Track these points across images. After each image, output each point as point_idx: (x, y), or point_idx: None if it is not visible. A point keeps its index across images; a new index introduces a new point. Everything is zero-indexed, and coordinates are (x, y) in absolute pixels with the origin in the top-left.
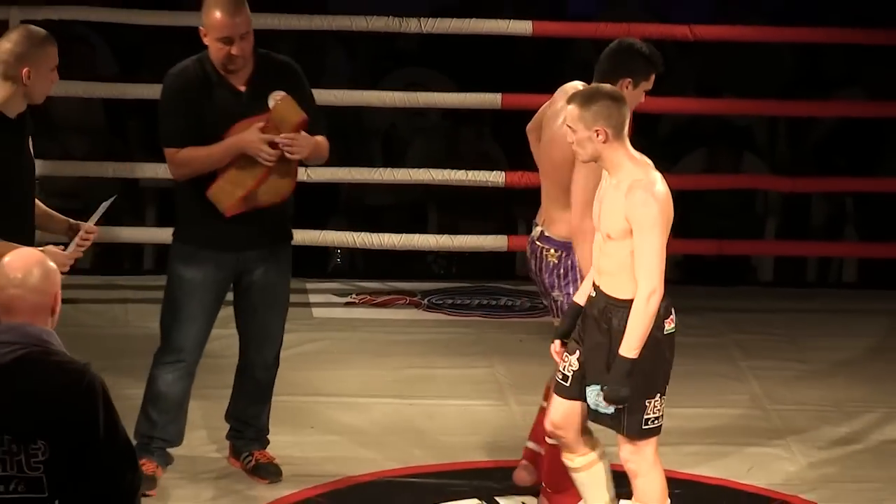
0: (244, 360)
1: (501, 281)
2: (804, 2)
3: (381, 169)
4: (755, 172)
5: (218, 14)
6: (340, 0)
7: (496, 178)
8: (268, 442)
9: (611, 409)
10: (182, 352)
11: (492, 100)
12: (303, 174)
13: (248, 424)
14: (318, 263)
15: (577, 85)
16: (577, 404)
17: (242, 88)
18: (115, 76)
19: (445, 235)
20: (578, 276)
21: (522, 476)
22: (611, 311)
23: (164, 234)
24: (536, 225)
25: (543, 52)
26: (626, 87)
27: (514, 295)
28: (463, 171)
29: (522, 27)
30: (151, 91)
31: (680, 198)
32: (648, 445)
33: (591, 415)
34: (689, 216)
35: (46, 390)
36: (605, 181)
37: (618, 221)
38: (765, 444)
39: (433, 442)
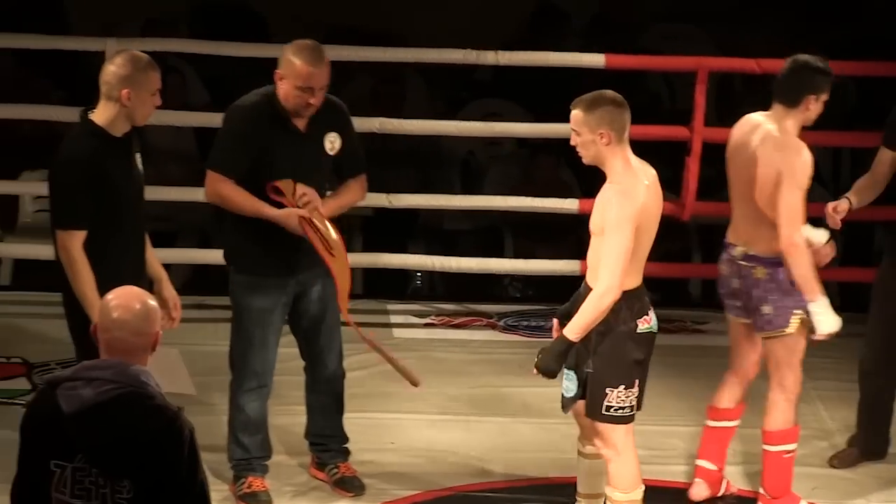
0: (314, 375)
1: None
2: (868, 37)
3: (459, 195)
4: (820, 201)
5: (303, 63)
6: (419, 34)
7: (570, 205)
8: (349, 452)
9: (570, 393)
10: (262, 376)
11: (565, 129)
12: (384, 200)
13: (330, 437)
14: (399, 286)
15: (757, 117)
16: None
17: (302, 128)
18: (205, 105)
19: (521, 259)
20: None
21: (698, 492)
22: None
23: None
24: (734, 245)
25: (615, 84)
26: (811, 104)
27: None
28: (538, 199)
29: (595, 59)
30: None
31: None
32: (615, 432)
33: (562, 400)
34: None
35: (139, 432)
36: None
37: (598, 219)
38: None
39: (508, 458)
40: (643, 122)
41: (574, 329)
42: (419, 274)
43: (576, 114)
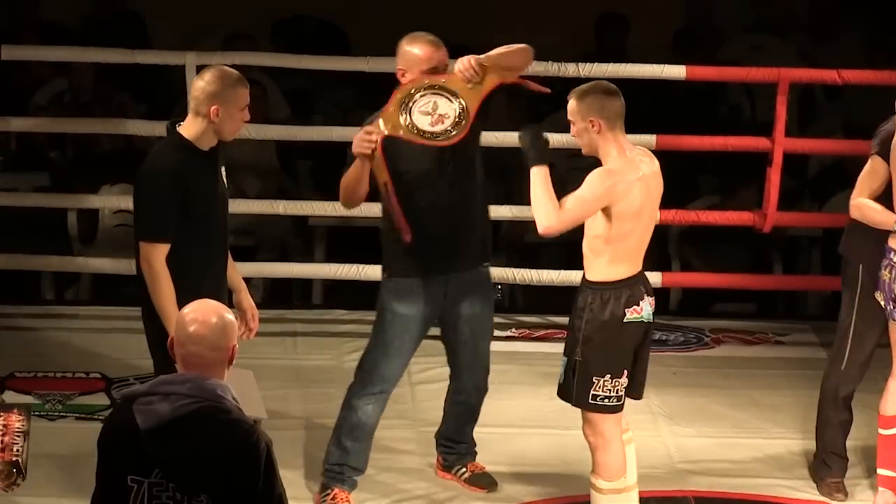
0: (457, 385)
1: (655, 316)
2: None
3: None
4: None
5: (423, 48)
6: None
7: None
8: (476, 453)
9: (561, 379)
10: (386, 383)
11: (647, 140)
12: None
13: (459, 442)
14: None
15: None
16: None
17: None
18: (286, 119)
19: None
20: None
21: (885, 500)
22: (580, 291)
23: (333, 270)
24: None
25: (698, 96)
26: None
27: (667, 329)
28: None
29: (677, 72)
30: (320, 133)
31: (829, 236)
32: (602, 421)
33: (559, 386)
34: (836, 254)
35: (216, 447)
36: None
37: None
38: None
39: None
40: (724, 132)
41: (536, 174)
42: (500, 286)
43: (570, 104)
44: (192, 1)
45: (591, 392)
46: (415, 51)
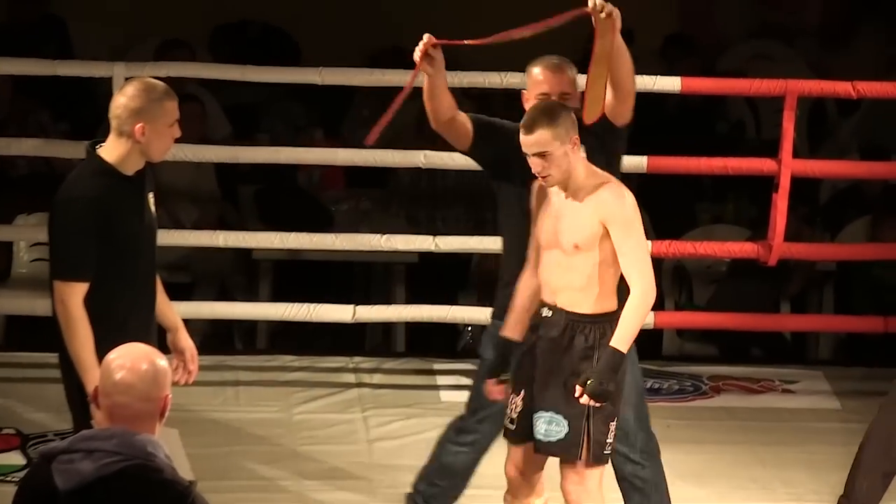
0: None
1: (647, 361)
2: None
3: None
4: None
5: (543, 70)
6: (476, 58)
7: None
8: None
9: (561, 433)
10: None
11: (637, 163)
12: (430, 244)
13: None
14: (447, 342)
15: None
16: (528, 448)
17: None
18: (227, 138)
19: None
20: None
21: None
22: (576, 329)
23: (280, 311)
24: None
25: (694, 110)
26: None
27: (660, 377)
28: None
29: (670, 84)
30: (267, 154)
31: (842, 270)
32: (597, 472)
33: (539, 446)
34: (851, 290)
35: None
36: (555, 197)
37: (588, 227)
38: None
39: None
40: (725, 153)
41: (625, 338)
42: (470, 329)
43: (542, 133)
44: (121, 5)
45: (606, 441)
46: (534, 71)
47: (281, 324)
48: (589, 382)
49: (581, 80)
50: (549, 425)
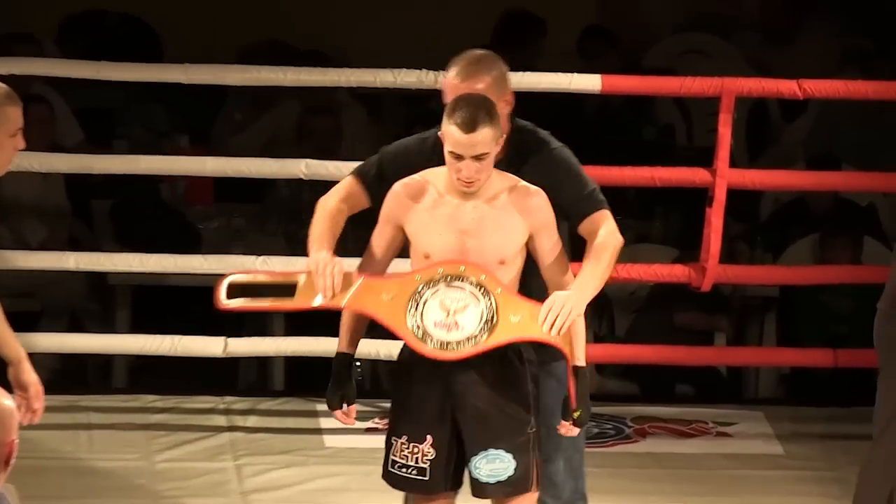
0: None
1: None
2: None
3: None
4: (880, 264)
5: (452, 72)
6: (360, 52)
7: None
8: None
9: (509, 470)
10: None
11: None
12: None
13: None
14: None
15: None
16: (444, 501)
17: None
18: (78, 145)
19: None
20: None
21: None
22: (506, 351)
23: (140, 344)
24: None
25: (615, 114)
26: None
27: (600, 420)
28: None
29: (589, 82)
30: (124, 164)
31: (787, 295)
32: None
33: (483, 490)
34: (797, 319)
35: None
36: (448, 208)
37: (516, 239)
38: None
39: None
40: (651, 162)
41: (582, 352)
42: (359, 364)
43: (485, 132)
44: None
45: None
46: (449, 75)
47: (141, 358)
48: (578, 415)
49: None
50: (493, 464)
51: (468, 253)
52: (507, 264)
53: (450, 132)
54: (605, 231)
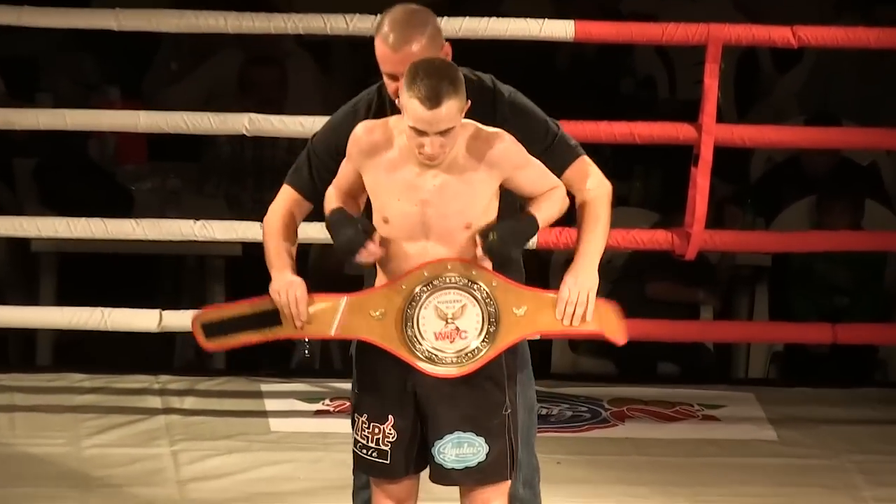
0: None
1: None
2: None
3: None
4: (883, 229)
5: (381, 40)
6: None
7: None
8: None
9: (480, 455)
10: None
11: None
12: (257, 232)
13: None
14: (278, 357)
15: None
16: (408, 484)
17: None
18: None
19: None
20: None
21: None
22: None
23: (67, 317)
24: None
25: (591, 64)
26: None
27: (550, 400)
28: None
29: (561, 29)
30: (49, 119)
31: (780, 264)
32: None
33: (448, 476)
34: (791, 290)
35: None
36: (412, 176)
37: (481, 198)
38: None
39: None
40: (631, 117)
41: (542, 218)
42: (308, 341)
43: (451, 105)
44: None
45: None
46: (376, 41)
47: (67, 333)
48: (491, 236)
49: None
50: (460, 448)
51: (430, 223)
52: (473, 227)
53: (411, 107)
54: (590, 183)
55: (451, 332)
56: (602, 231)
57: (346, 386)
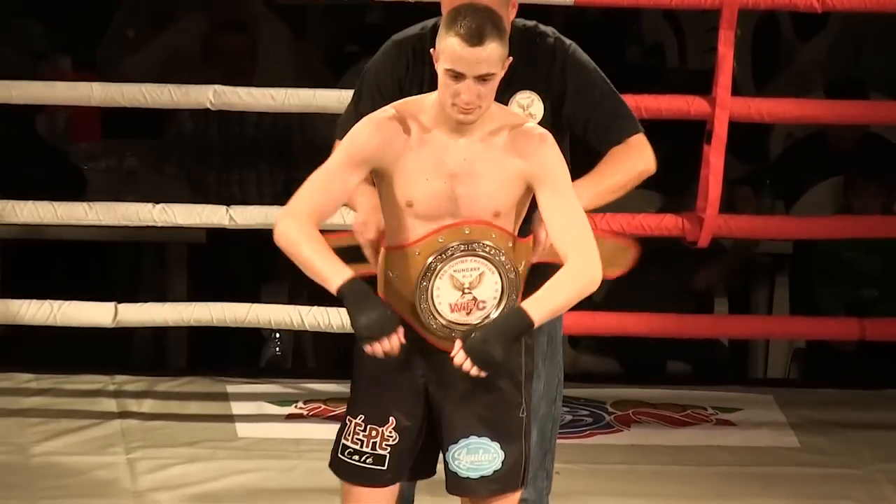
0: None
1: None
2: None
3: None
4: None
5: (459, 40)
6: None
7: None
8: None
9: (496, 462)
10: None
11: None
12: (223, 216)
13: None
14: (246, 355)
15: None
16: (389, 492)
17: None
18: None
19: None
20: None
21: None
22: None
23: (11, 311)
24: None
25: (592, 31)
26: None
27: (574, 404)
28: None
29: None
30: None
31: (802, 252)
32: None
33: (462, 486)
34: (814, 281)
35: None
36: (436, 146)
37: (512, 188)
38: None
39: None
40: (638, 89)
41: (542, 306)
42: (278, 336)
43: (494, 47)
44: None
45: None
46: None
47: (12, 329)
48: (472, 337)
49: None
50: (475, 455)
51: (458, 202)
52: (503, 217)
53: (450, 45)
54: (637, 155)
55: (467, 303)
56: (606, 183)
57: (322, 387)
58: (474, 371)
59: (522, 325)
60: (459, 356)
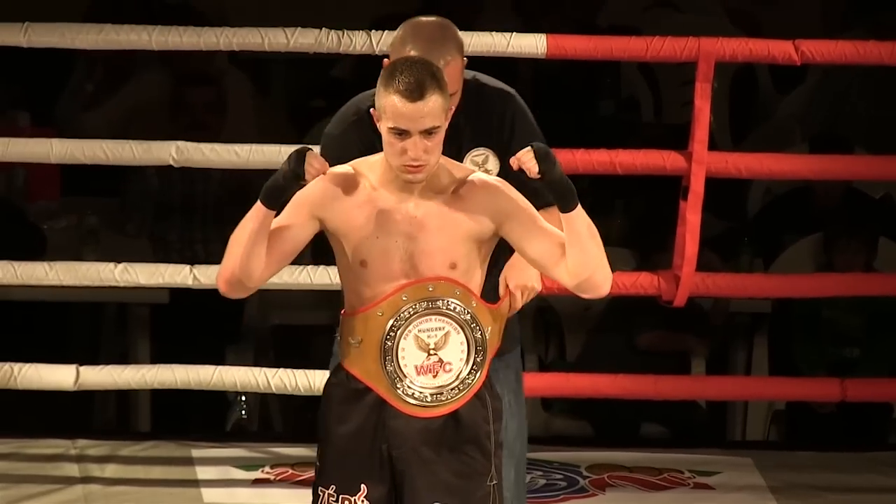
0: None
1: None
2: None
3: (310, 266)
4: None
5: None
6: (244, 9)
7: None
8: None
9: None
10: None
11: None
12: (187, 276)
13: None
14: (211, 418)
15: None
16: None
17: None
18: None
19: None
20: None
21: None
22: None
23: None
24: None
25: (565, 82)
26: None
27: (548, 468)
28: None
29: (531, 44)
30: None
31: (782, 311)
32: None
33: None
34: (794, 340)
35: None
36: (391, 206)
37: (467, 236)
38: None
39: None
40: (612, 144)
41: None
42: (244, 399)
43: (436, 100)
44: None
45: None
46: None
47: None
48: (536, 145)
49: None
50: None
51: (413, 259)
52: (459, 270)
53: (391, 103)
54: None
55: (433, 365)
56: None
57: (288, 451)
58: (532, 163)
59: (569, 184)
60: (523, 151)
